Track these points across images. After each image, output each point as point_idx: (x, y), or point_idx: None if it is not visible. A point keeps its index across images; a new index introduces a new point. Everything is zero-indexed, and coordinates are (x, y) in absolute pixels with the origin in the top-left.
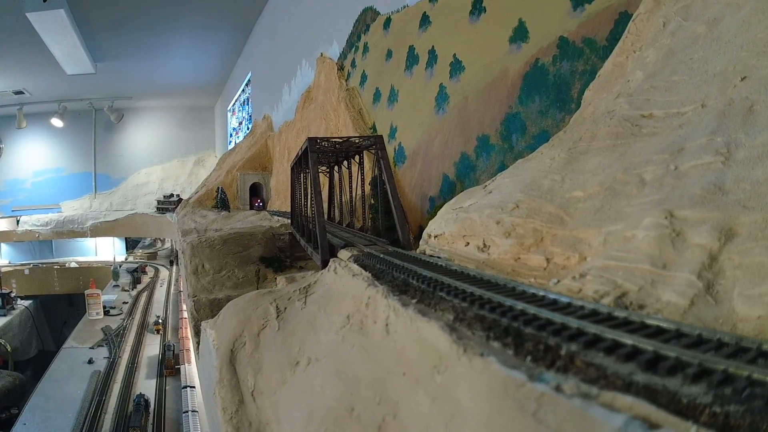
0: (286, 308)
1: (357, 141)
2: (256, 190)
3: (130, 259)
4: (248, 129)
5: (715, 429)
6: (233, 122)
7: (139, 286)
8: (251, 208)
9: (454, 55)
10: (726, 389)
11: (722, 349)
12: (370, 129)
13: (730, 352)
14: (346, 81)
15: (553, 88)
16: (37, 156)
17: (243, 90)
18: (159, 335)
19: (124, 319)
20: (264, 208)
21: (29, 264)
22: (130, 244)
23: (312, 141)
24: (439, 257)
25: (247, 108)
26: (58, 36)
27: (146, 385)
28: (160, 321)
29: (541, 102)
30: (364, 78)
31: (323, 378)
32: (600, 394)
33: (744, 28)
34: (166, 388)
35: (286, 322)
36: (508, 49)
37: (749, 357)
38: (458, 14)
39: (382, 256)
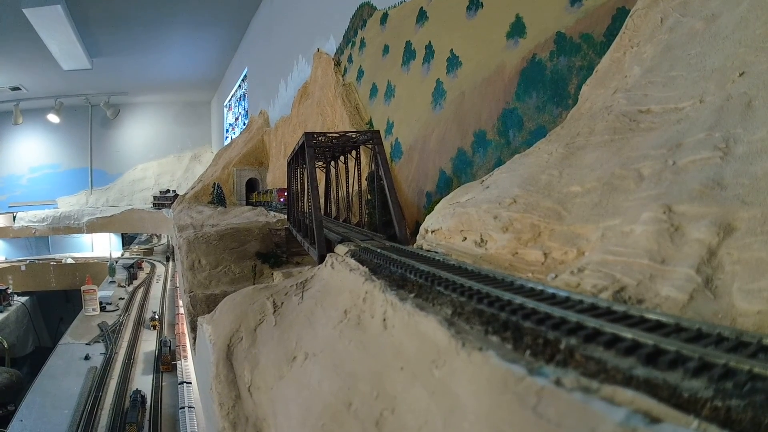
0: (282, 303)
1: (354, 136)
2: (252, 185)
3: (127, 255)
4: (244, 124)
5: (717, 423)
6: (229, 118)
7: (136, 282)
8: (252, 204)
9: (451, 50)
10: (727, 383)
11: (722, 343)
12: (367, 124)
13: (731, 347)
14: (342, 76)
15: (550, 83)
16: (34, 152)
17: (239, 85)
18: (155, 331)
19: (120, 315)
20: None
21: (25, 260)
22: (127, 240)
23: (309, 136)
24: (436, 252)
25: (243, 103)
26: (55, 32)
27: (143, 381)
28: (157, 317)
29: (538, 97)
30: (360, 73)
31: (320, 373)
32: (600, 388)
33: (742, 24)
34: (163, 383)
35: (283, 317)
36: (505, 45)
37: (750, 351)
38: (455, 9)
39: (379, 251)
